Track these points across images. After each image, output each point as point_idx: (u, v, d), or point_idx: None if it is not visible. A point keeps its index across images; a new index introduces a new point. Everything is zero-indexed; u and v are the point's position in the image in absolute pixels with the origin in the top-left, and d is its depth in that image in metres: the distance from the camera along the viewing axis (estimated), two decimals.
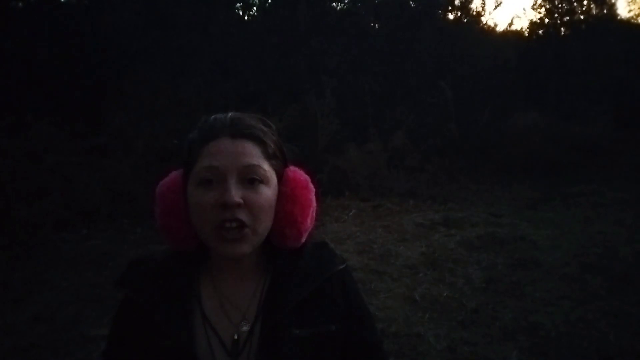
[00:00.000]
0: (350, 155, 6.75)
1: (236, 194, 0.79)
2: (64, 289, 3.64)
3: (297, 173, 0.91)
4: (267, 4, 8.74)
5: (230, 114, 0.87)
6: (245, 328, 0.85)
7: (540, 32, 10.79)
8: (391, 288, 3.69)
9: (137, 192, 5.21)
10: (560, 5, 10.73)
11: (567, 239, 4.74)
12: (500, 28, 11.11)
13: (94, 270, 3.98)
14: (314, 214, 0.91)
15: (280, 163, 0.88)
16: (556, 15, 10.74)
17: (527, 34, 11.01)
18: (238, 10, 8.59)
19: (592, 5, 10.84)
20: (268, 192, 0.83)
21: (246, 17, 8.77)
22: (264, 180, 0.83)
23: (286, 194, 0.87)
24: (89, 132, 5.88)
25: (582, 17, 10.75)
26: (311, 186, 0.91)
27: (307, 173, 0.94)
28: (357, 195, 6.38)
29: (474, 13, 9.72)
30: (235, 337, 0.84)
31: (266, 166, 0.84)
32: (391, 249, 4.49)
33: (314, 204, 0.90)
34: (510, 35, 10.98)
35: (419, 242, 4.70)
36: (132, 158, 5.59)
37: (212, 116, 0.88)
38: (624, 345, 2.88)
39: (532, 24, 10.93)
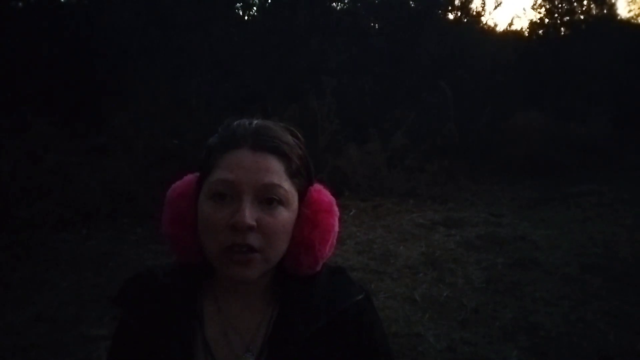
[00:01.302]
0: (350, 155, 6.74)
1: (250, 216, 0.72)
2: (64, 289, 3.63)
3: (321, 194, 0.83)
4: (267, 4, 8.75)
5: (255, 122, 0.80)
6: None
7: (540, 32, 10.78)
8: (391, 288, 3.69)
9: (137, 192, 5.21)
10: (560, 5, 10.72)
11: (567, 239, 4.74)
12: (500, 28, 11.09)
13: (94, 270, 3.97)
14: (334, 241, 0.83)
15: (303, 181, 0.81)
16: (556, 15, 10.73)
17: (527, 34, 10.99)
18: (238, 10, 8.59)
19: (592, 5, 10.83)
20: (285, 215, 0.76)
21: (246, 17, 8.76)
22: (282, 201, 0.76)
23: (307, 216, 0.80)
24: (89, 132, 5.88)
25: (582, 17, 10.74)
26: (335, 209, 0.83)
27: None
28: (357, 195, 6.38)
29: (474, 13, 9.71)
30: None
31: (287, 185, 0.76)
32: (391, 249, 4.49)
33: (336, 229, 0.83)
34: (510, 35, 10.97)
35: (419, 242, 4.70)
36: (132, 158, 5.59)
37: (236, 121, 0.81)
38: (624, 345, 2.88)
39: (532, 24, 10.92)
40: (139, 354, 0.78)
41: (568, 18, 10.69)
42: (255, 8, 8.77)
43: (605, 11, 10.91)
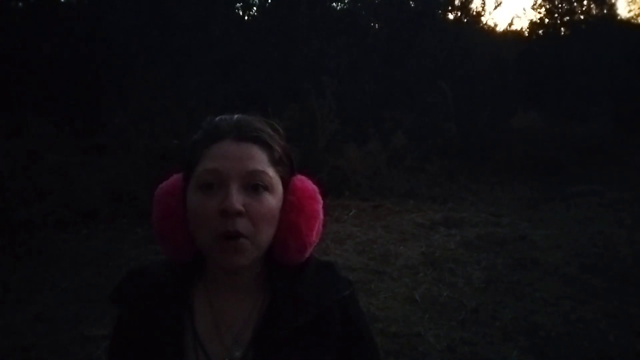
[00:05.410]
0: (350, 155, 6.74)
1: (237, 201, 0.75)
2: (64, 289, 3.64)
3: (305, 182, 0.86)
4: (267, 4, 8.74)
5: (236, 116, 0.83)
6: (237, 354, 0.80)
7: (540, 32, 10.79)
8: (391, 288, 3.69)
9: (137, 192, 5.20)
10: (560, 5, 10.73)
11: (567, 239, 4.74)
12: (500, 28, 11.14)
13: (94, 270, 3.97)
14: (320, 227, 0.85)
15: (286, 170, 0.84)
16: (556, 15, 10.74)
17: (527, 34, 11.01)
18: (238, 10, 8.59)
19: (592, 5, 10.84)
20: (272, 201, 0.79)
21: (246, 17, 8.76)
22: (268, 188, 0.79)
23: (292, 203, 0.82)
24: (89, 132, 5.88)
25: (582, 17, 10.75)
26: (319, 197, 0.86)
27: (309, 176, 0.89)
28: (357, 195, 6.38)
29: (474, 13, 9.71)
30: None
31: (271, 172, 0.80)
32: (391, 249, 4.49)
33: (321, 216, 0.85)
34: (510, 35, 10.99)
35: (419, 242, 4.70)
36: (132, 158, 5.58)
37: (218, 117, 0.84)
38: (624, 345, 2.88)
39: (532, 24, 10.94)
40: (135, 348, 0.81)
41: (568, 18, 10.70)
42: (255, 8, 8.78)
43: (605, 11, 10.91)
